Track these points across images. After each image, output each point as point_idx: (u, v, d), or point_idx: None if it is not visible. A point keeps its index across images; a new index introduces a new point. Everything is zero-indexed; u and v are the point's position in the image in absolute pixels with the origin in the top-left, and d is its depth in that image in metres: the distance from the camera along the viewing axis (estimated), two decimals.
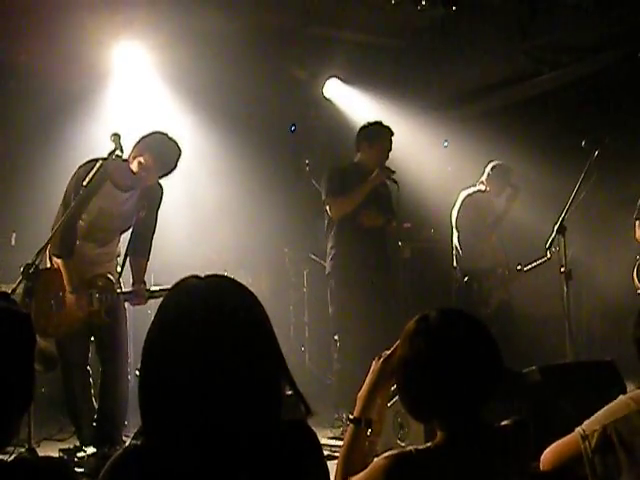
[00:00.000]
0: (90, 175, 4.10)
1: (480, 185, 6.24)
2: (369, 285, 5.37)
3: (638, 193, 5.67)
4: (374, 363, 2.13)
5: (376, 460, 1.81)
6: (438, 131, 8.01)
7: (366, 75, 7.84)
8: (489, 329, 1.90)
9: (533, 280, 6.42)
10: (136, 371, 5.52)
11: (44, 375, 4.80)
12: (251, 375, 1.46)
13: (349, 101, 8.05)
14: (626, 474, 2.15)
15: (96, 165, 4.17)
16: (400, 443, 3.69)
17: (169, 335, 1.47)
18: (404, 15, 6.83)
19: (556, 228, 4.87)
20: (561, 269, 4.87)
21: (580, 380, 3.43)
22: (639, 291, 5.67)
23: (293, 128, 8.74)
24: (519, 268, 6.08)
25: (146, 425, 1.47)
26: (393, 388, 2.06)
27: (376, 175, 5.39)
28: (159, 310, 1.51)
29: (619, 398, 2.26)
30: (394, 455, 1.76)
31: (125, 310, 4.62)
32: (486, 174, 6.22)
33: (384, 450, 1.87)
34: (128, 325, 4.69)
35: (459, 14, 6.38)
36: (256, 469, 1.45)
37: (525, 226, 6.47)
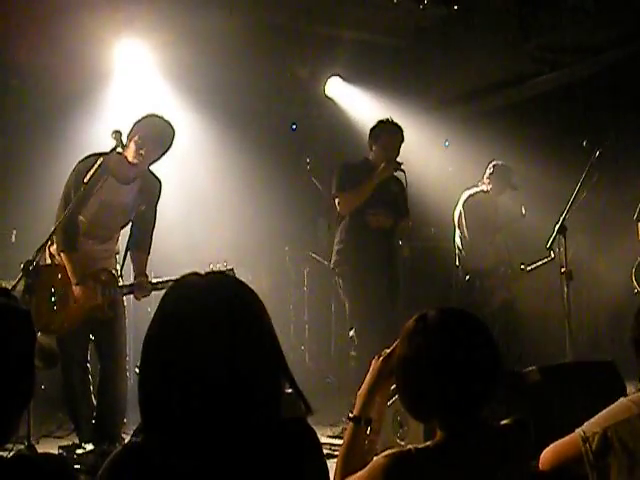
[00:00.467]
0: (91, 172, 4.12)
1: (482, 185, 6.24)
2: (375, 281, 5.28)
3: (639, 194, 5.68)
4: (373, 362, 2.13)
5: (376, 459, 1.81)
6: (439, 131, 8.01)
7: (367, 74, 7.84)
8: (488, 328, 1.90)
9: (533, 280, 6.42)
10: (135, 368, 5.52)
11: (43, 372, 4.80)
12: (251, 372, 1.46)
13: (350, 100, 8.05)
14: (627, 477, 2.15)
15: (97, 161, 4.18)
16: (399, 442, 3.69)
17: (169, 332, 1.47)
18: (406, 14, 6.84)
19: (557, 228, 4.87)
20: (561, 269, 4.88)
21: (580, 380, 3.43)
22: (636, 290, 5.69)
23: (294, 127, 8.74)
24: (522, 267, 6.08)
25: (146, 422, 1.47)
26: (393, 387, 2.06)
27: (383, 169, 5.28)
28: (159, 307, 1.52)
29: (620, 400, 2.26)
30: (394, 454, 1.76)
31: (124, 307, 4.63)
32: (487, 174, 6.23)
33: (383, 449, 1.87)
34: (128, 322, 4.70)
35: (461, 14, 6.40)
36: (256, 467, 1.45)
37: (526, 226, 6.46)
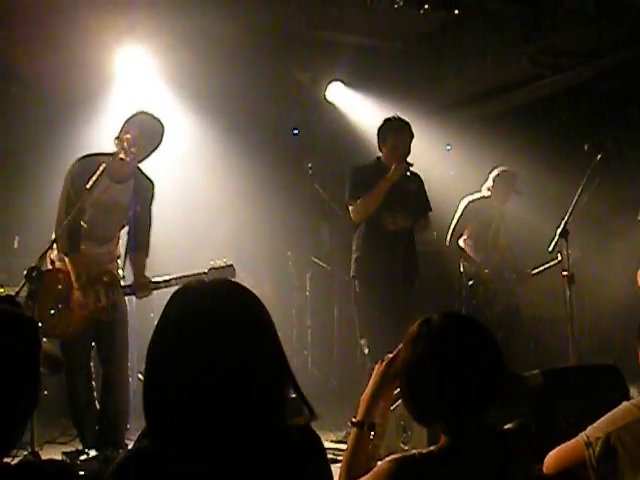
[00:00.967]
0: (94, 178, 4.16)
1: (485, 191, 6.22)
2: (392, 289, 5.12)
3: None
4: (377, 366, 2.13)
5: (379, 464, 1.81)
6: (440, 135, 8.01)
7: (369, 79, 7.85)
8: (492, 332, 1.90)
9: (536, 284, 6.41)
10: (139, 374, 5.52)
11: (47, 378, 4.81)
12: (255, 378, 1.46)
13: (352, 105, 8.05)
14: None
15: (95, 163, 4.26)
16: (403, 447, 3.69)
17: (173, 338, 1.47)
18: (407, 19, 6.84)
19: (559, 232, 4.87)
20: (563, 272, 4.87)
21: (583, 384, 3.43)
22: None
23: (296, 131, 8.75)
24: (528, 271, 6.07)
25: (150, 428, 1.47)
26: (396, 391, 2.06)
27: (393, 171, 5.11)
28: (163, 313, 1.52)
29: (623, 405, 2.26)
30: (397, 459, 1.76)
31: (127, 313, 4.63)
32: (491, 180, 6.19)
33: (387, 454, 1.87)
34: (131, 328, 4.70)
35: (461, 18, 6.40)
36: (260, 473, 1.45)
37: (528, 230, 6.47)
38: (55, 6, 6.03)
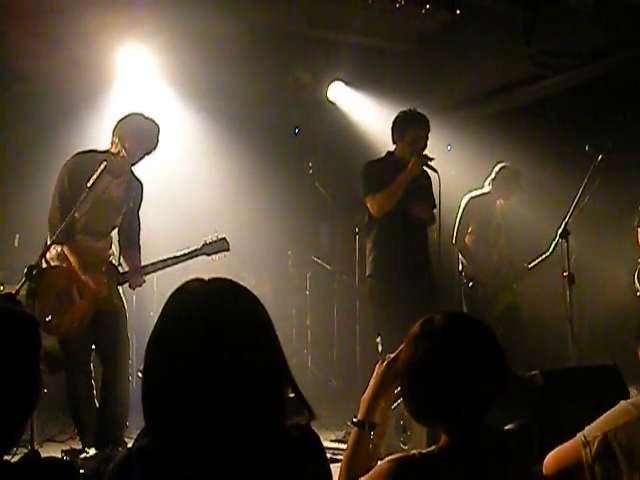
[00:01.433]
0: (94, 177, 4.16)
1: (486, 187, 6.23)
2: (413, 286, 5.09)
3: None
4: (377, 366, 2.13)
5: (379, 464, 1.80)
6: (441, 135, 8.00)
7: (370, 78, 7.84)
8: (494, 332, 1.90)
9: (536, 284, 6.41)
10: (138, 372, 5.52)
11: (47, 376, 4.80)
12: (254, 378, 1.46)
13: (353, 104, 8.05)
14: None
15: (93, 160, 4.30)
16: (403, 447, 3.69)
17: (171, 337, 1.47)
18: (408, 19, 6.84)
19: (559, 232, 4.87)
20: (564, 273, 4.88)
21: (583, 384, 3.43)
22: (639, 293, 5.69)
23: (297, 131, 8.75)
24: (525, 265, 6.07)
25: (150, 426, 1.47)
26: (397, 391, 2.06)
27: (413, 164, 5.07)
28: (161, 312, 1.52)
29: (620, 404, 2.26)
30: (397, 459, 1.75)
31: (126, 310, 4.62)
32: (492, 175, 6.21)
33: (387, 453, 1.87)
34: (130, 326, 4.70)
35: (463, 18, 6.39)
36: (260, 472, 1.45)
37: (528, 229, 6.46)
38: (55, 5, 6.03)
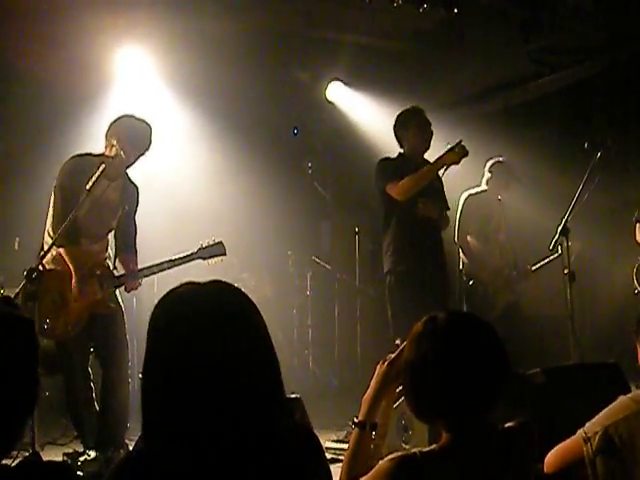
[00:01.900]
0: (93, 179, 4.16)
1: (484, 185, 6.23)
2: (432, 280, 5.08)
3: None
4: (378, 366, 2.13)
5: (380, 463, 1.80)
6: (440, 133, 8.00)
7: (368, 78, 7.84)
8: (496, 331, 1.90)
9: (537, 281, 6.40)
10: (139, 374, 5.51)
11: (47, 379, 4.80)
12: (249, 378, 1.45)
13: (351, 104, 8.05)
14: (627, 475, 2.16)
15: (91, 163, 4.29)
16: (404, 446, 3.69)
17: (168, 341, 1.47)
18: (406, 18, 6.83)
19: (559, 230, 4.87)
20: (564, 270, 4.88)
21: (584, 382, 3.43)
22: (637, 290, 5.69)
23: (296, 131, 8.75)
24: (528, 267, 6.06)
25: (147, 430, 1.47)
26: (398, 390, 2.05)
27: (451, 154, 4.99)
28: (157, 315, 1.51)
29: (620, 399, 2.27)
30: (399, 457, 1.75)
31: (123, 313, 4.62)
32: (488, 174, 6.21)
33: (388, 453, 1.86)
34: (130, 328, 4.70)
35: (461, 16, 6.38)
36: (258, 473, 1.45)
37: (528, 227, 6.46)
38: (55, 6, 6.02)
